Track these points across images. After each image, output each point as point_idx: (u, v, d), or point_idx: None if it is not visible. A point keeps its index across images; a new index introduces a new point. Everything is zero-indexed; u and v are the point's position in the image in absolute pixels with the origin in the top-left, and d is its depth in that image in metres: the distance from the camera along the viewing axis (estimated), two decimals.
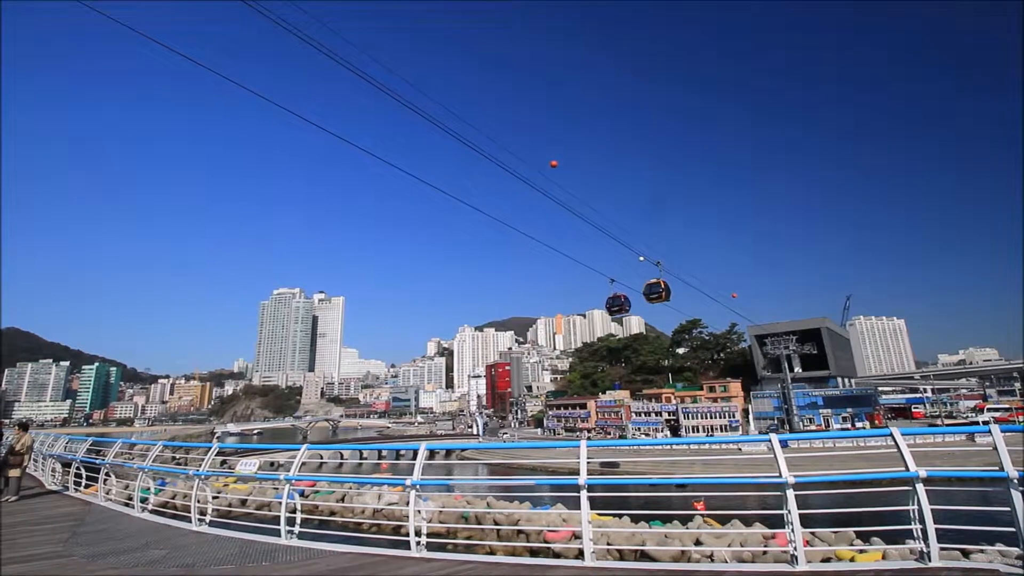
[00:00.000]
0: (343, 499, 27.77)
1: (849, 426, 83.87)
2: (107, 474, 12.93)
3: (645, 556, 18.13)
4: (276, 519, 7.91)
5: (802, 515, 5.66)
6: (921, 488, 5.53)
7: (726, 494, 22.62)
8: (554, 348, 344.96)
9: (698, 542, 19.75)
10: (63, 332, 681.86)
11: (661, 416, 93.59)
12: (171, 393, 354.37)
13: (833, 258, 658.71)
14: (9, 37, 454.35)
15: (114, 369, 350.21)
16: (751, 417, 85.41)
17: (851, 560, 14.43)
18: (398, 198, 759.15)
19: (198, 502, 9.12)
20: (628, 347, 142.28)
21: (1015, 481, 5.15)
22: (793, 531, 5.62)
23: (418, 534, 6.92)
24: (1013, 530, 5.17)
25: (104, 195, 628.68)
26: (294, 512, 8.01)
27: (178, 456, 44.33)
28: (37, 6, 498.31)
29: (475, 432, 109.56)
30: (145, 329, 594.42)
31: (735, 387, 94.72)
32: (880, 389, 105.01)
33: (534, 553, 17.99)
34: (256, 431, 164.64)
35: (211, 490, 10.32)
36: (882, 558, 15.59)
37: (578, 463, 6.45)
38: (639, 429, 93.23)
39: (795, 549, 5.60)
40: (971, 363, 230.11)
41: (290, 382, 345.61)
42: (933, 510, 5.48)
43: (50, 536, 8.48)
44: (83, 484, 13.48)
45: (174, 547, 7.60)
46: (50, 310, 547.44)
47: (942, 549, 5.51)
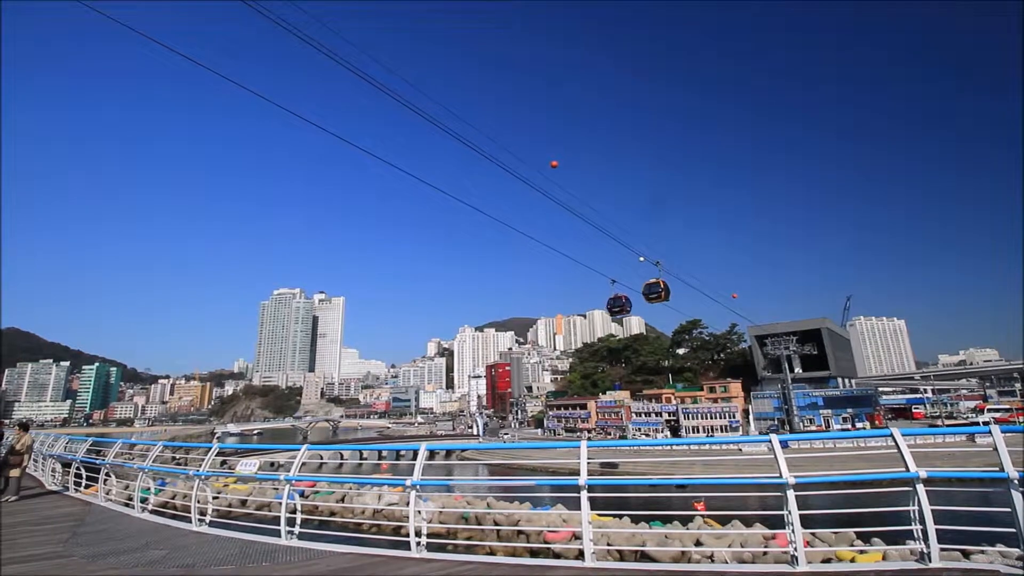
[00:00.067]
0: (343, 499, 27.79)
1: (849, 427, 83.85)
2: (107, 474, 12.94)
3: (645, 557, 18.14)
4: (276, 519, 7.91)
5: (802, 516, 5.66)
6: (921, 489, 5.53)
7: (726, 495, 22.61)
8: (554, 348, 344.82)
9: (698, 543, 19.74)
10: (63, 332, 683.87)
11: (661, 416, 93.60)
12: (171, 393, 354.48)
13: (833, 258, 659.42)
14: (9, 37, 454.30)
15: (114, 369, 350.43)
16: (751, 417, 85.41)
17: (851, 561, 14.44)
18: (398, 198, 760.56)
19: (198, 502, 9.12)
20: (628, 347, 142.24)
21: (1015, 482, 5.15)
22: (793, 532, 5.62)
23: (418, 534, 6.92)
24: (1014, 531, 5.17)
25: (104, 195, 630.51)
26: (294, 512, 8.01)
27: (178, 456, 44.34)
28: (37, 6, 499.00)
29: (475, 432, 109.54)
30: (145, 329, 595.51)
31: (735, 387, 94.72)
32: (880, 389, 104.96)
33: (534, 554, 18.00)
34: (256, 431, 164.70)
35: (211, 490, 10.32)
36: (882, 559, 15.59)
37: (578, 463, 6.46)
38: (639, 429, 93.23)
39: (795, 550, 5.60)
40: (971, 363, 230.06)
41: (290, 382, 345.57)
42: (933, 511, 5.48)
43: (50, 536, 8.48)
44: (83, 484, 13.48)
45: (174, 547, 7.61)
46: (50, 310, 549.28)
47: (942, 550, 5.51)
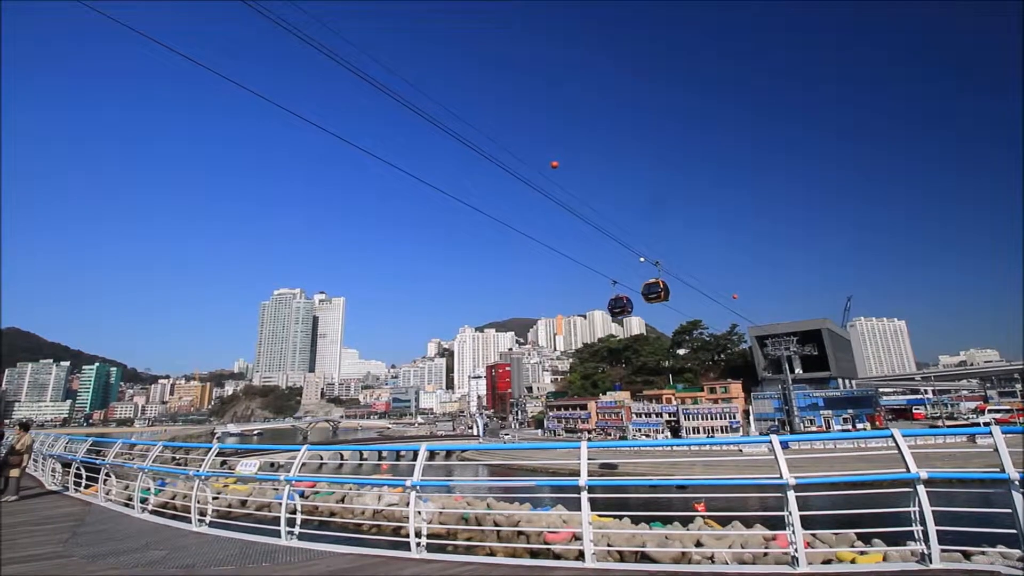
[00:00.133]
0: (343, 500, 27.79)
1: (850, 427, 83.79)
2: (107, 474, 12.94)
3: (646, 557, 18.13)
4: (276, 520, 7.91)
5: (803, 516, 5.65)
6: (922, 489, 5.52)
7: (727, 495, 22.58)
8: (554, 349, 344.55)
9: (699, 543, 19.71)
10: (63, 332, 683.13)
11: (662, 417, 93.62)
12: (171, 393, 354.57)
13: (833, 258, 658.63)
14: (9, 37, 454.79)
15: (114, 369, 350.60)
16: (752, 418, 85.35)
17: (852, 562, 14.41)
18: (398, 198, 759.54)
19: (198, 503, 9.12)
20: (628, 348, 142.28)
21: (1016, 483, 5.14)
22: (794, 533, 5.61)
23: (418, 535, 6.91)
24: (1014, 532, 5.17)
25: (104, 195, 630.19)
26: (294, 513, 8.01)
27: (178, 456, 44.34)
28: (37, 6, 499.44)
29: (475, 433, 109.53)
30: (145, 329, 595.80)
31: (736, 388, 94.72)
32: (881, 390, 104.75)
33: (534, 554, 18.00)
34: (256, 432, 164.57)
35: (211, 491, 10.32)
36: (883, 560, 15.56)
37: (578, 464, 6.45)
38: (639, 430, 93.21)
39: (796, 551, 5.59)
40: (972, 364, 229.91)
41: (290, 383, 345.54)
42: (934, 511, 5.47)
43: (50, 536, 8.47)
44: (83, 484, 13.49)
45: (174, 548, 7.61)
46: (50, 310, 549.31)
47: (943, 551, 5.50)
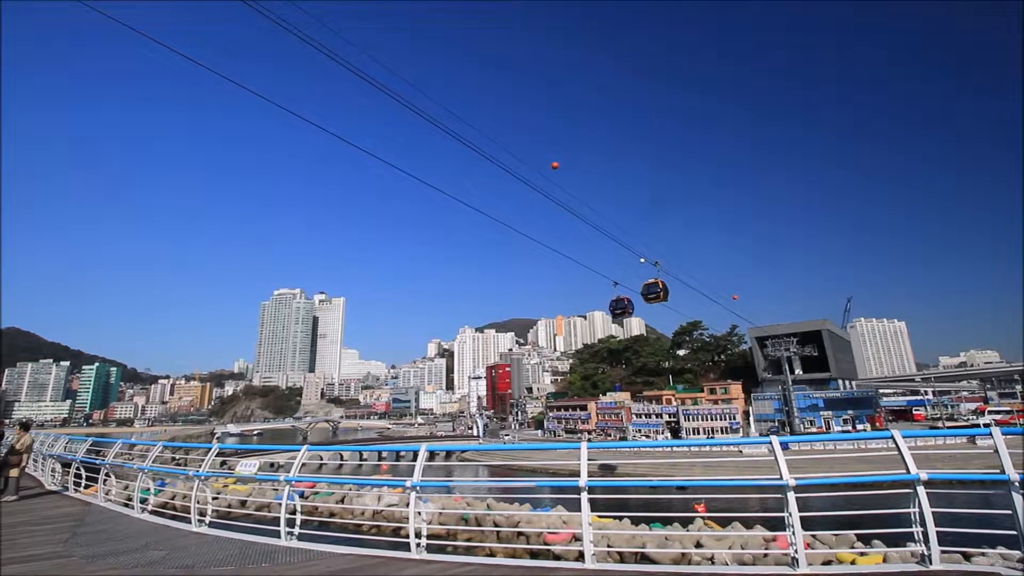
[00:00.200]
0: (343, 500, 27.80)
1: (850, 428, 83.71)
2: (107, 474, 12.94)
3: (645, 558, 18.13)
4: (276, 520, 7.91)
5: (803, 518, 5.65)
6: (922, 490, 5.52)
7: (727, 496, 22.56)
8: (554, 349, 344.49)
9: (699, 544, 19.70)
10: (63, 332, 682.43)
11: (662, 418, 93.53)
12: (171, 393, 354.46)
13: (833, 259, 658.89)
14: (9, 37, 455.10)
15: (114, 369, 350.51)
16: (752, 419, 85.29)
17: (852, 563, 14.40)
18: (399, 199, 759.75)
19: (198, 503, 9.12)
20: (629, 349, 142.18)
21: (1016, 484, 5.14)
22: (794, 534, 5.62)
23: (418, 536, 6.91)
24: (1014, 533, 5.16)
25: (104, 195, 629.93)
26: (294, 513, 8.01)
27: (178, 457, 44.34)
28: (37, 6, 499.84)
29: (475, 434, 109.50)
30: (145, 329, 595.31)
31: (736, 389, 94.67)
32: (881, 391, 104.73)
33: (534, 555, 18.00)
34: (256, 432, 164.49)
35: (211, 491, 10.31)
36: (883, 561, 15.55)
37: (578, 465, 6.46)
38: (640, 431, 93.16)
39: (796, 552, 5.60)
40: (972, 365, 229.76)
41: (290, 383, 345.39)
42: (934, 513, 5.47)
43: (50, 536, 8.47)
44: (83, 484, 13.49)
45: (174, 548, 7.61)
46: (50, 310, 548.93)
47: (943, 552, 5.50)
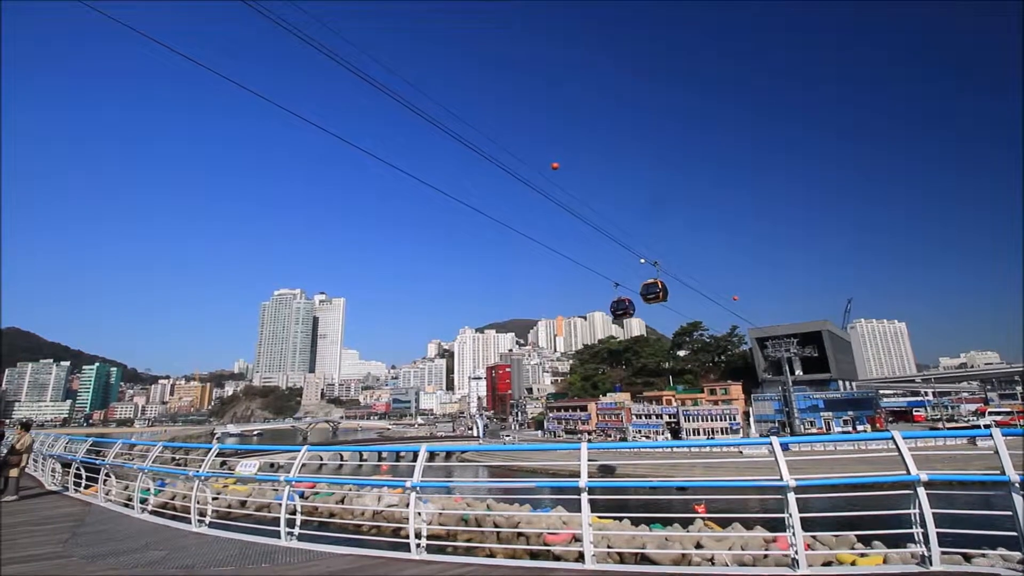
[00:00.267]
0: (343, 501, 27.79)
1: (850, 429, 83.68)
2: (107, 475, 12.94)
3: (646, 559, 18.11)
4: (276, 520, 7.91)
5: (803, 518, 5.65)
6: (922, 492, 5.52)
7: (727, 497, 22.57)
8: (555, 350, 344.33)
9: (699, 545, 19.70)
10: (63, 332, 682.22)
11: (662, 418, 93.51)
12: (171, 394, 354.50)
13: (833, 259, 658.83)
14: (9, 37, 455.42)
15: (114, 369, 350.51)
16: (752, 420, 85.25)
17: (852, 564, 14.40)
18: (399, 199, 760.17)
19: (198, 503, 9.12)
20: (629, 349, 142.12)
21: (1016, 485, 5.14)
22: (794, 534, 5.61)
23: (418, 536, 6.91)
24: (1015, 534, 5.16)
25: (104, 195, 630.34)
26: (294, 514, 8.00)
27: (178, 457, 44.34)
28: (37, 6, 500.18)
29: (475, 434, 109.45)
30: (145, 329, 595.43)
31: (736, 390, 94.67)
32: (881, 392, 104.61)
33: (534, 556, 18.00)
34: (256, 432, 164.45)
35: (211, 491, 10.32)
36: (883, 562, 15.55)
37: (578, 465, 6.46)
38: (640, 431, 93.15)
39: (796, 552, 5.59)
40: (972, 366, 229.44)
41: (290, 383, 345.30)
42: (934, 514, 5.47)
43: (50, 536, 8.47)
44: (83, 484, 13.48)
45: (174, 548, 7.60)
46: (50, 310, 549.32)
47: (943, 553, 5.49)
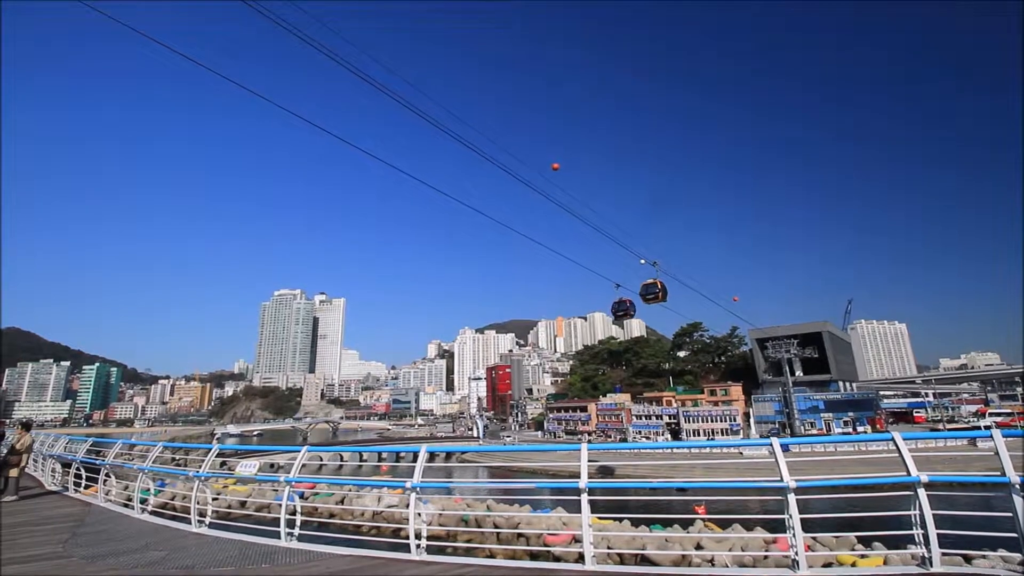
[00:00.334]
0: (343, 501, 27.78)
1: (850, 430, 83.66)
2: (107, 475, 12.93)
3: (646, 560, 18.09)
4: (276, 521, 7.91)
5: (803, 519, 5.65)
6: (923, 493, 5.52)
7: (727, 498, 22.57)
8: (555, 351, 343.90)
9: (699, 546, 19.68)
10: (63, 332, 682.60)
11: (662, 419, 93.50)
12: (171, 394, 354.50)
13: (834, 261, 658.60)
14: (9, 37, 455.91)
15: (114, 369, 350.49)
16: (752, 421, 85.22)
17: (852, 565, 14.38)
18: (399, 199, 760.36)
19: (198, 503, 9.12)
20: (629, 350, 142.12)
21: (1016, 486, 5.14)
22: (794, 535, 5.61)
23: (418, 537, 6.91)
24: (1015, 535, 5.16)
25: (104, 195, 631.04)
26: (294, 514, 8.00)
27: (178, 457, 44.35)
28: (37, 6, 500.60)
29: (475, 435, 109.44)
30: (145, 329, 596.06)
31: (736, 391, 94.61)
32: (881, 393, 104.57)
33: (534, 556, 17.98)
34: (256, 432, 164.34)
35: (211, 491, 10.32)
36: (884, 563, 15.53)
37: (578, 466, 6.45)
38: (640, 432, 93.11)
39: (796, 554, 5.59)
40: (973, 367, 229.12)
41: (290, 383, 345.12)
42: (935, 515, 5.47)
43: (50, 537, 8.47)
44: (83, 485, 13.48)
45: (174, 548, 7.60)
46: (50, 310, 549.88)
47: (944, 554, 5.49)
